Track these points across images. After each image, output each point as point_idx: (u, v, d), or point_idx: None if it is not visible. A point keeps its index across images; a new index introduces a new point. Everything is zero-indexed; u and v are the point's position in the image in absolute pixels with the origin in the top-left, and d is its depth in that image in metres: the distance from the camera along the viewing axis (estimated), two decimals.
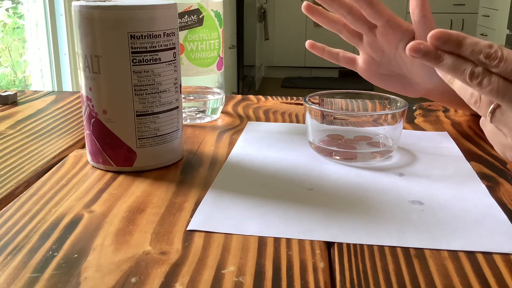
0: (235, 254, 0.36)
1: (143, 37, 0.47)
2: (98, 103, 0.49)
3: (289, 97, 0.79)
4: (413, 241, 0.37)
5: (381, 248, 0.37)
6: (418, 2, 0.55)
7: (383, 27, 0.58)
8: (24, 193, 0.45)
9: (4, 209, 0.42)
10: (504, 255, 0.36)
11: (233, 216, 0.41)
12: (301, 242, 0.37)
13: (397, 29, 0.58)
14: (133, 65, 0.47)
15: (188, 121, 0.66)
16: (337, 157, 0.53)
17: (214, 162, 0.53)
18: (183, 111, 0.63)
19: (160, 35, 0.48)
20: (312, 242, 0.37)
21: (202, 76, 0.65)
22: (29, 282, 0.33)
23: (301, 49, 4.93)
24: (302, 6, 0.61)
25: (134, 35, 0.47)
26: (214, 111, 0.67)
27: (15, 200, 0.44)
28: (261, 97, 0.79)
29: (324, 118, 0.54)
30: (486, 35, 4.46)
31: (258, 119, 0.68)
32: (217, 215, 0.41)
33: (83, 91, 0.50)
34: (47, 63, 1.97)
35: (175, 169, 0.51)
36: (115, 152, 0.49)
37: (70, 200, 0.44)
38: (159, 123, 0.50)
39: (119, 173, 0.50)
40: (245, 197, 0.45)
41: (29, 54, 1.98)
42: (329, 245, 0.37)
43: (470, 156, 0.55)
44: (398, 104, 0.54)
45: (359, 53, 0.66)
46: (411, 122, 0.67)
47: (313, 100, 0.56)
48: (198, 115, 0.66)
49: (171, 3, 0.49)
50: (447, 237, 0.38)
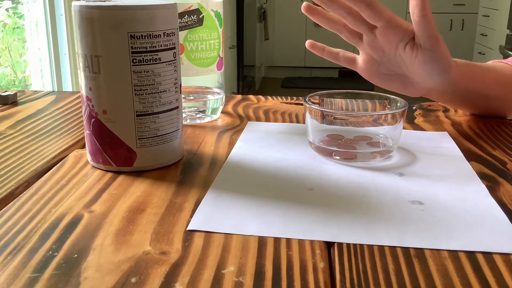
0: (235, 254, 0.36)
1: (143, 37, 0.47)
2: (98, 103, 0.49)
3: (289, 97, 0.79)
4: (413, 241, 0.37)
5: (381, 248, 0.37)
6: (418, 2, 0.55)
7: (383, 27, 0.58)
8: (24, 193, 0.45)
9: (4, 209, 0.42)
10: (504, 255, 0.36)
11: (233, 216, 0.41)
12: (301, 242, 0.37)
13: (397, 29, 0.58)
14: (133, 65, 0.47)
15: (188, 121, 0.66)
16: (337, 157, 0.53)
17: (214, 162, 0.53)
18: (183, 111, 0.63)
19: (160, 35, 0.48)
20: (312, 242, 0.37)
21: (202, 76, 0.65)
22: (29, 282, 0.33)
23: (301, 49, 4.93)
24: (301, 6, 0.61)
25: (134, 35, 0.47)
26: (214, 111, 0.67)
27: (15, 200, 0.44)
28: (261, 97, 0.79)
29: (324, 118, 0.54)
30: (486, 35, 4.46)
31: (258, 119, 0.68)
32: (217, 215, 0.41)
33: (83, 91, 0.50)
34: (47, 63, 1.97)
35: (175, 169, 0.51)
36: (115, 152, 0.49)
37: (70, 200, 0.44)
38: (159, 123, 0.50)
39: (119, 173, 0.50)
40: (245, 197, 0.45)
41: (29, 54, 1.98)
42: (329, 245, 0.37)
43: (470, 156, 0.55)
44: (398, 104, 0.54)
45: (359, 53, 0.66)
46: (411, 122, 0.67)
47: (313, 100, 0.56)
48: (198, 115, 0.66)
49: (171, 3, 0.49)
50: (447, 237, 0.38)
